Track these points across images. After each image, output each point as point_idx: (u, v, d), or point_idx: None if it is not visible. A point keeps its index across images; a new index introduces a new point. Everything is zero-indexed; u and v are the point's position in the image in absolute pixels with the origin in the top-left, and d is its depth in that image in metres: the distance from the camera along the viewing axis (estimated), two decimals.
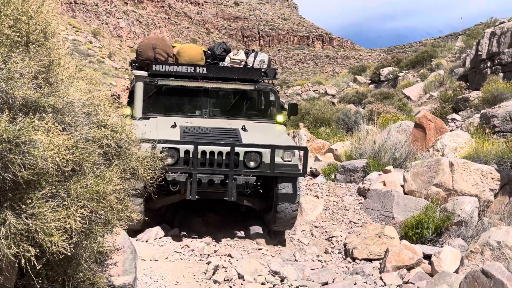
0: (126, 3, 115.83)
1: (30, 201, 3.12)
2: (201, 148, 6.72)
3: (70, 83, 3.84)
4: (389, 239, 6.67)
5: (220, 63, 8.46)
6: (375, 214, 8.30)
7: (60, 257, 4.03)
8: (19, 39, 3.33)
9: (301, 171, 7.00)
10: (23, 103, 3.17)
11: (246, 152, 6.86)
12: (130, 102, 8.04)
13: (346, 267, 6.49)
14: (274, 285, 5.51)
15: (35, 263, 3.18)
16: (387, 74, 33.16)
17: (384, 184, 9.04)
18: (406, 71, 32.85)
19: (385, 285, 5.62)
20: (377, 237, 6.75)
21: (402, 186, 9.05)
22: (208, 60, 8.53)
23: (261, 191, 7.66)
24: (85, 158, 3.63)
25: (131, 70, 8.58)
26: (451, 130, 13.43)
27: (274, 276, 5.72)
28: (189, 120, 7.73)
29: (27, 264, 3.19)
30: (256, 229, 7.65)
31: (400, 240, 6.92)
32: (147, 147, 6.07)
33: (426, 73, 30.26)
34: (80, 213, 3.28)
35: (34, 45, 3.43)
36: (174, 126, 7.27)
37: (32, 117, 3.13)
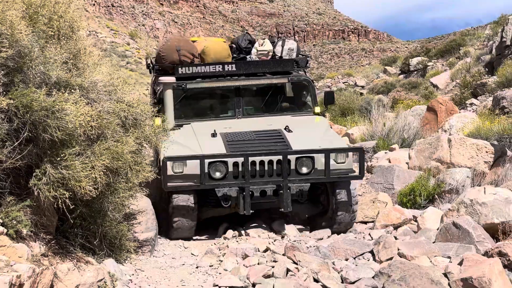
0: (162, 4, 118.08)
1: (64, 155, 4.11)
2: (251, 159, 6.43)
3: (94, 68, 4.83)
4: (382, 204, 7.47)
5: (248, 56, 8.07)
6: (378, 187, 9.07)
7: (92, 209, 5.07)
8: (52, 33, 4.34)
9: (357, 174, 6.86)
10: (56, 81, 4.17)
11: (297, 158, 6.57)
12: (159, 111, 7.19)
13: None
14: (275, 240, 6.40)
15: (69, 204, 4.17)
16: (416, 64, 33.40)
17: (389, 161, 9.81)
18: (435, 61, 33.08)
19: (372, 239, 6.43)
20: (371, 202, 7.55)
21: (407, 163, 9.81)
22: (234, 54, 8.08)
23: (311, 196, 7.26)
24: (107, 126, 4.62)
25: (154, 76, 8.22)
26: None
27: (276, 234, 6.62)
28: (226, 125, 7.30)
29: (63, 205, 4.19)
30: None
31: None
32: (195, 163, 6.29)
33: (454, 62, 30.45)
34: (102, 164, 4.25)
35: (64, 38, 4.44)
36: (214, 134, 6.89)
37: (64, 92, 4.12)
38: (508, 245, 5.13)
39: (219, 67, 7.60)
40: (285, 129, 7.02)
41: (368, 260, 5.68)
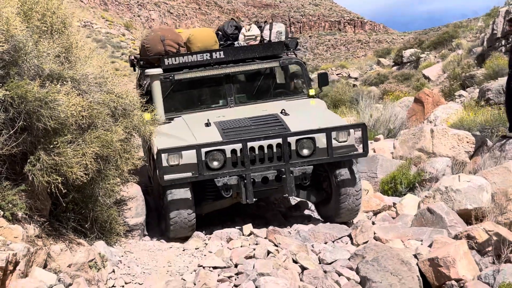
0: None
1: (56, 143, 4.41)
2: (249, 144, 6.15)
3: (85, 61, 5.11)
4: (363, 191, 7.77)
5: (235, 43, 7.85)
6: (362, 176, 9.36)
7: (84, 194, 5.35)
8: (46, 29, 4.62)
9: (360, 152, 6.58)
10: (49, 74, 4.46)
11: (297, 140, 6.28)
12: (146, 103, 6.96)
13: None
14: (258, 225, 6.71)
15: (62, 188, 4.47)
16: (409, 56, 33.69)
17: (374, 151, 10.13)
18: (428, 52, 33.37)
19: (353, 223, 6.75)
20: None
21: (392, 153, 10.14)
22: (221, 42, 7.84)
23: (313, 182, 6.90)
24: (97, 116, 4.91)
25: (140, 71, 8.02)
26: None
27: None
28: (219, 114, 7.06)
29: (56, 189, 4.48)
30: None
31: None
32: (191, 153, 6.00)
33: (446, 54, 30.74)
34: (92, 151, 4.54)
35: (56, 33, 4.72)
36: (208, 124, 6.63)
37: (56, 83, 4.41)
38: (476, 229, 5.46)
39: (206, 55, 7.35)
40: (281, 112, 6.77)
41: (346, 244, 6.01)
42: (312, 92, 7.69)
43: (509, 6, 22.65)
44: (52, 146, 4.40)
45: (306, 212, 7.81)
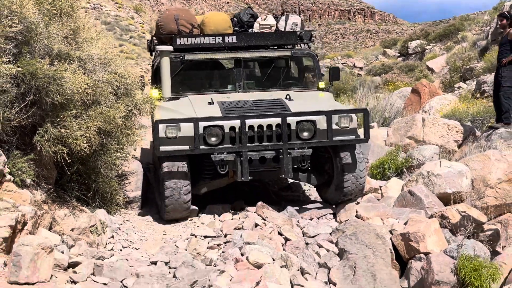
0: None
1: (63, 116, 4.84)
2: (248, 122, 6.07)
3: (91, 43, 5.54)
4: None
5: (249, 30, 7.83)
6: None
7: (87, 166, 5.79)
8: (55, 12, 5.03)
9: (361, 138, 6.54)
10: (58, 53, 4.88)
11: (298, 122, 6.24)
12: (155, 82, 7.50)
13: (314, 197, 8.02)
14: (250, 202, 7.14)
15: (67, 159, 4.91)
16: (415, 47, 33.92)
17: None
18: (434, 44, 33.58)
19: None
20: None
21: (385, 140, 10.53)
22: (235, 28, 7.85)
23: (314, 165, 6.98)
24: (101, 93, 5.34)
25: (152, 47, 8.05)
26: None
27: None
28: (225, 96, 7.05)
29: (62, 159, 4.92)
30: None
31: None
32: (189, 126, 5.97)
33: (452, 46, 30.95)
34: (95, 125, 4.98)
35: (65, 16, 5.14)
36: (211, 102, 6.62)
37: (64, 62, 4.83)
38: (450, 210, 5.87)
39: (219, 38, 7.34)
40: (286, 98, 6.77)
41: (330, 220, 6.44)
42: (322, 85, 7.67)
43: None
44: (59, 119, 4.83)
45: (298, 193, 8.23)
